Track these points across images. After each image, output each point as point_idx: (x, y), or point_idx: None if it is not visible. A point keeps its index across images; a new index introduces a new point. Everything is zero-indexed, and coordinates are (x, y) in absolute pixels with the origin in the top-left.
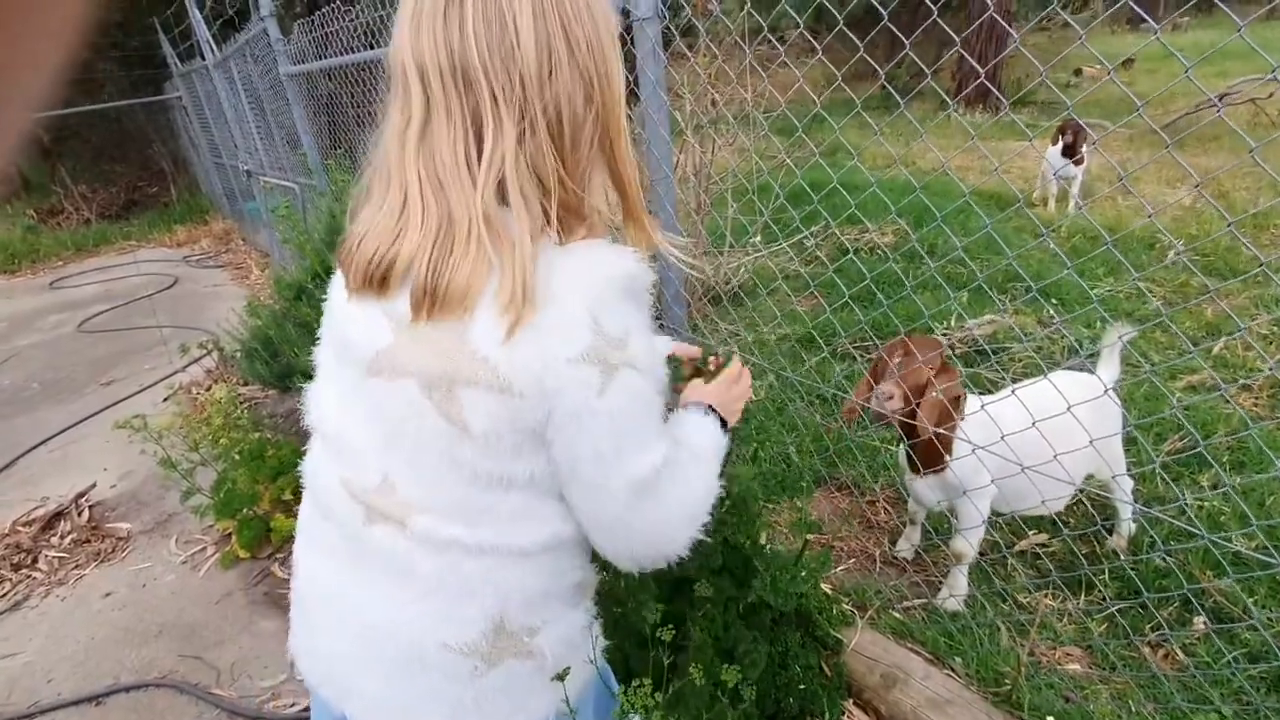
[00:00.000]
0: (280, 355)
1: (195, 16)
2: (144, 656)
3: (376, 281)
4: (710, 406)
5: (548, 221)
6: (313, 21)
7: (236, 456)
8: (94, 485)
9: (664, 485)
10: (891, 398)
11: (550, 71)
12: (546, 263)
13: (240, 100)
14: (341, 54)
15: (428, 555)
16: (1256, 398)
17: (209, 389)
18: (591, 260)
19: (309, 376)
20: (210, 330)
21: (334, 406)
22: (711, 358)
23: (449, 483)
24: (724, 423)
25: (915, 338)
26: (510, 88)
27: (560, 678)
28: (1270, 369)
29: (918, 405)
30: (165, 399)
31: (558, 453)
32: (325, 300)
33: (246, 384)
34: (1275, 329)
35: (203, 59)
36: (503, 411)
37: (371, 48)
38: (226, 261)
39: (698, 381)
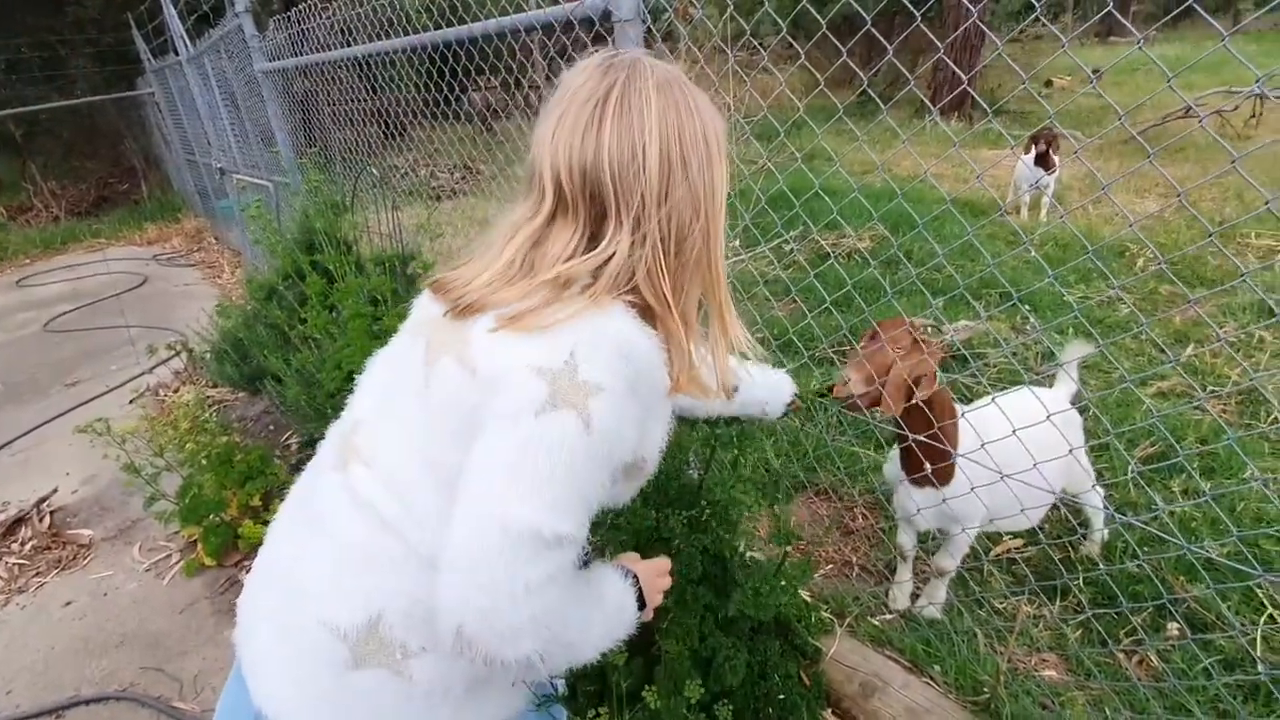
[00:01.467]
0: (251, 357)
1: (169, 11)
2: (104, 668)
3: (448, 293)
4: (635, 576)
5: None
6: (288, 18)
7: (204, 461)
8: (55, 490)
9: (541, 567)
10: (848, 381)
11: (668, 192)
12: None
13: (214, 96)
14: (317, 51)
15: (349, 512)
16: (1225, 405)
17: (177, 391)
18: (605, 316)
19: (279, 379)
20: (180, 331)
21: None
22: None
23: (395, 440)
24: (641, 601)
25: (885, 320)
26: (631, 203)
27: None
28: (1251, 378)
29: (882, 385)
30: (131, 401)
31: (473, 450)
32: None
33: (216, 386)
34: (1243, 337)
35: (176, 54)
36: (456, 385)
37: (348, 45)
38: (198, 260)
39: (632, 554)
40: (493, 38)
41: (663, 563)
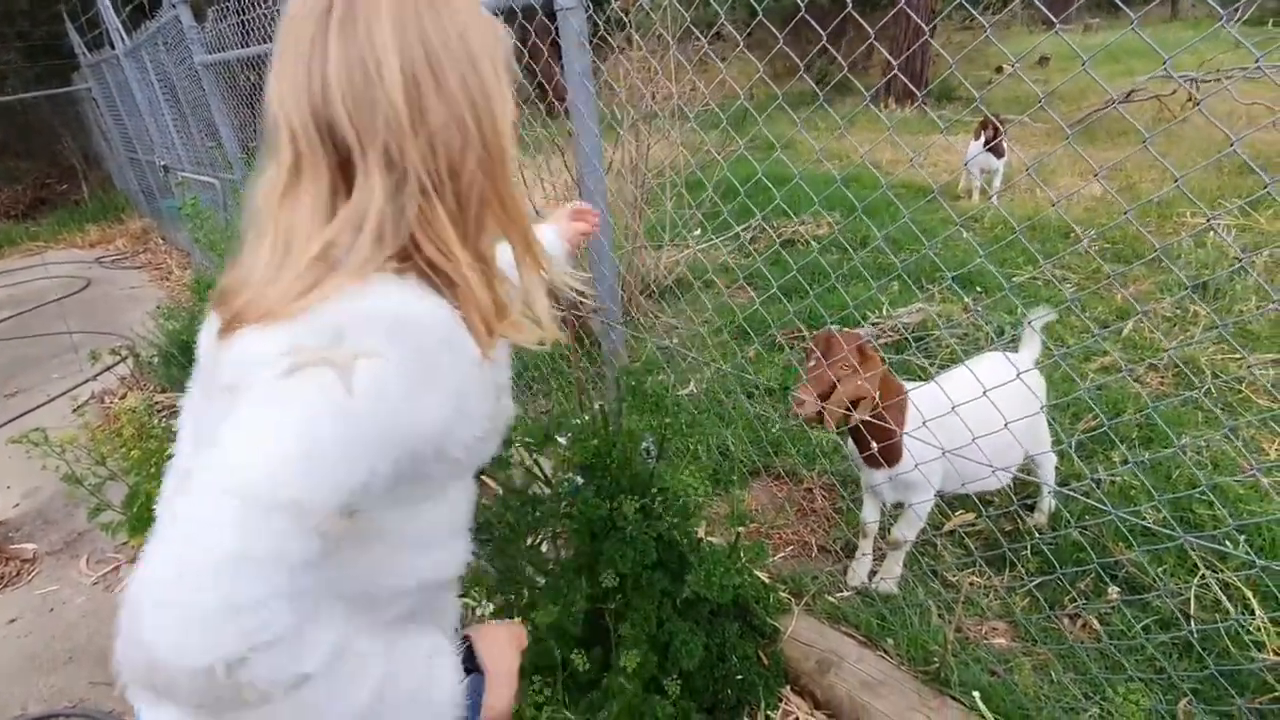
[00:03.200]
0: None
1: (103, 3)
2: (53, 684)
3: (226, 306)
4: (470, 650)
5: (401, 261)
6: (228, 8)
7: (152, 468)
8: None
9: (260, 539)
10: (803, 404)
11: (421, 114)
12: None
13: (154, 91)
14: (261, 43)
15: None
16: (1163, 377)
17: (123, 398)
18: (373, 293)
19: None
20: (125, 335)
21: None
22: None
23: (188, 443)
24: (479, 684)
25: (837, 334)
26: (375, 137)
27: None
28: (1168, 351)
29: (849, 407)
30: (74, 410)
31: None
32: None
33: (165, 391)
34: (1178, 311)
35: (112, 48)
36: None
37: None
38: (144, 262)
39: (490, 624)
40: None
41: (518, 629)
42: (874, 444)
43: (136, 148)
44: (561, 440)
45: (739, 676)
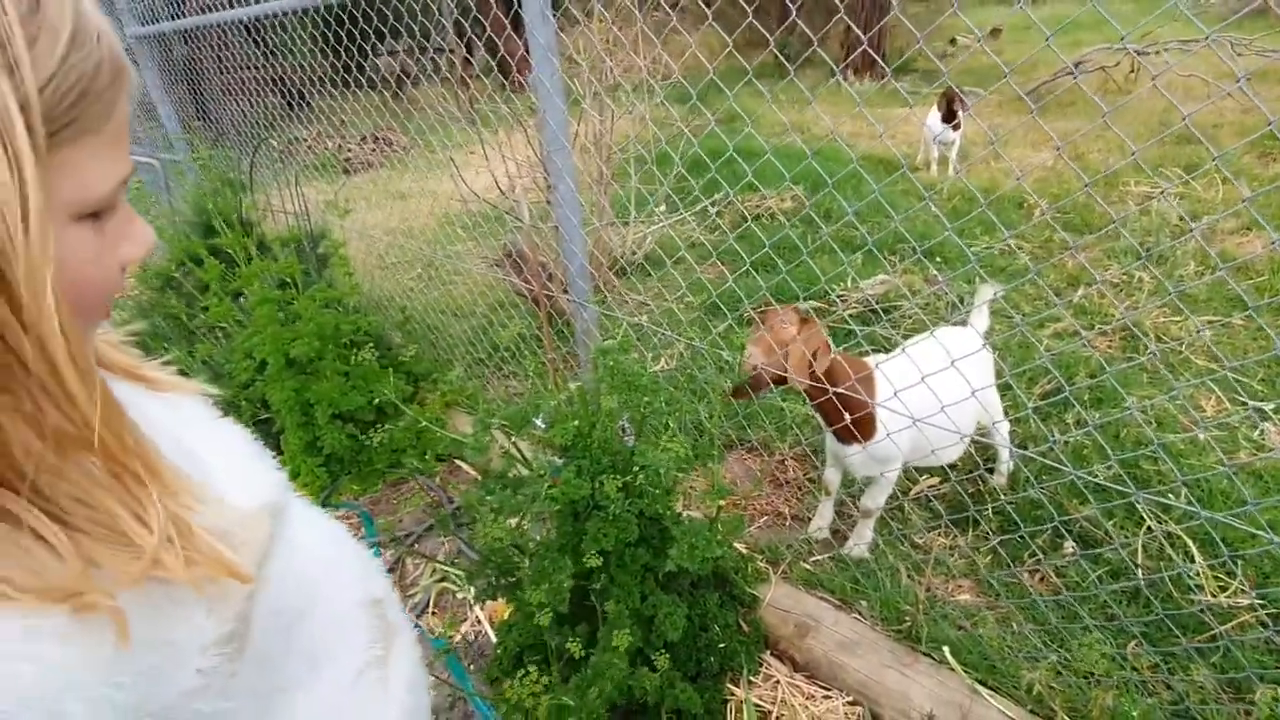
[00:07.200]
0: (150, 351)
1: None
2: None
3: None
4: None
5: None
6: None
7: None
8: None
9: None
10: (751, 355)
11: None
12: None
13: None
14: (198, 13)
15: None
16: (1111, 341)
17: None
18: None
19: (185, 374)
20: None
21: None
22: None
23: None
24: None
25: (770, 310)
26: None
27: None
28: (1121, 316)
29: (784, 356)
30: None
31: None
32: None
33: None
34: (1124, 278)
35: None
36: None
37: (233, 5)
38: None
39: None
40: None
41: None
42: (847, 416)
43: None
44: (539, 422)
45: (721, 645)
